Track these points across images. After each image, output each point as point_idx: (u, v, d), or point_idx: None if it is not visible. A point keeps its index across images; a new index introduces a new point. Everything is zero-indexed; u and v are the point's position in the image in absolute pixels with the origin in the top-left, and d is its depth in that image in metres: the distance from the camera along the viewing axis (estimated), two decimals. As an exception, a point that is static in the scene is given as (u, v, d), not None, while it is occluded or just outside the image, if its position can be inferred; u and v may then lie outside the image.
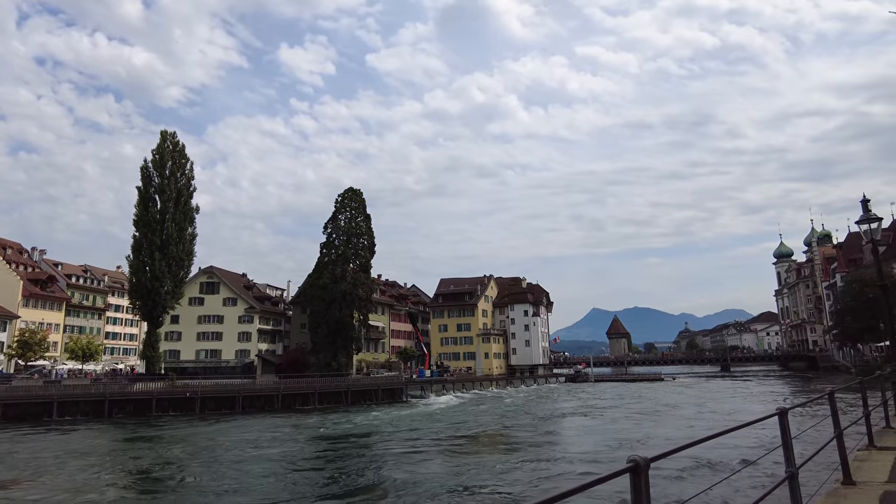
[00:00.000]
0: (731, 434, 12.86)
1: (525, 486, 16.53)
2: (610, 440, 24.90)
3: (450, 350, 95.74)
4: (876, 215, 10.37)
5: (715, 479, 14.57)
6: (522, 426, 32.74)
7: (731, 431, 3.46)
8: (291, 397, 50.72)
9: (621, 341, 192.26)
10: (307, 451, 26.30)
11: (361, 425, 36.16)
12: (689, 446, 2.62)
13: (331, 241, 66.41)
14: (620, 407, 42.78)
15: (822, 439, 17.51)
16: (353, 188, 69.05)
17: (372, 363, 76.98)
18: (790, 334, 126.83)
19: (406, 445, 26.65)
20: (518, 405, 49.07)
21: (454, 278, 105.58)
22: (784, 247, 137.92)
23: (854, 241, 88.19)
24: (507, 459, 21.38)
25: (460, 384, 71.00)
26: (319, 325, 63.12)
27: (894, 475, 6.46)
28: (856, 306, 59.98)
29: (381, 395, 55.46)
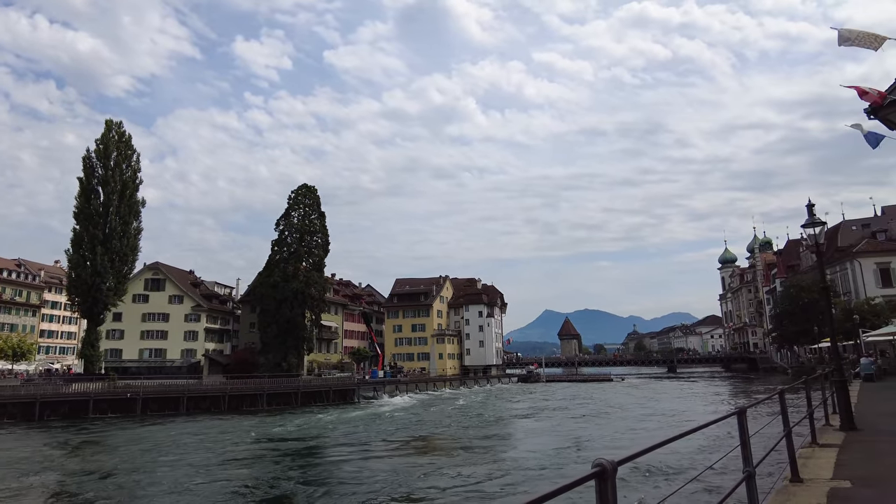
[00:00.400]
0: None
1: (478, 491, 16.21)
2: (562, 441, 24.82)
3: (404, 351, 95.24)
4: (820, 219, 10.68)
5: (670, 481, 14.54)
6: (474, 427, 32.46)
7: (694, 431, 3.32)
8: (239, 398, 49.29)
9: (572, 342, 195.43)
10: (245, 453, 25.23)
11: (308, 427, 35.26)
12: (655, 448, 2.45)
13: (283, 239, 64.94)
14: (570, 408, 42.88)
15: (767, 437, 18.00)
16: (308, 185, 67.78)
17: (324, 364, 75.72)
18: (733, 337, 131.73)
19: (351, 448, 25.95)
20: (471, 406, 48.98)
21: (410, 278, 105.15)
22: (728, 253, 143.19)
23: (792, 248, 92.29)
24: (457, 462, 20.87)
25: (414, 385, 70.60)
26: (269, 324, 61.63)
27: (838, 472, 6.57)
28: (793, 310, 62.55)
29: (332, 396, 54.51)
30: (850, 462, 7.10)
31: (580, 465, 17.47)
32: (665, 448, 11.52)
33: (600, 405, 44.23)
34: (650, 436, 24.79)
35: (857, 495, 5.54)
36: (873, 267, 60.52)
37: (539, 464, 19.15)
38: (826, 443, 8.52)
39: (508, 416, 39.14)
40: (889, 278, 59.81)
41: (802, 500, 5.41)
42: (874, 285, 59.45)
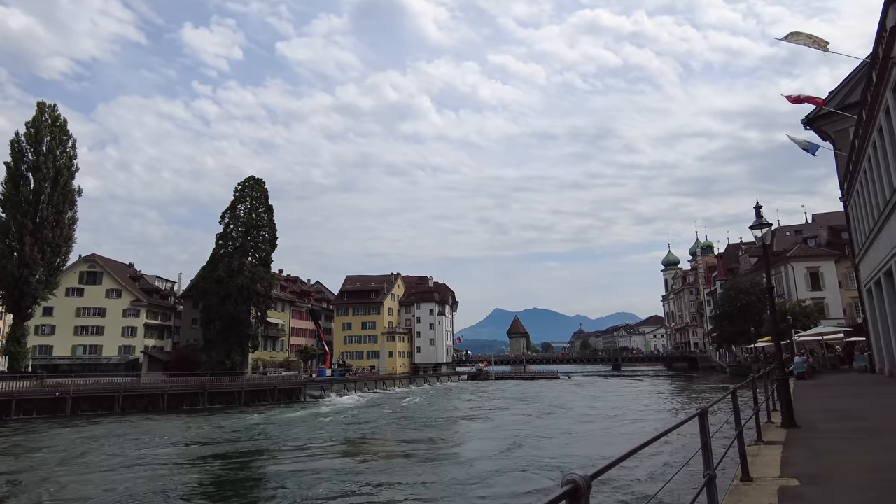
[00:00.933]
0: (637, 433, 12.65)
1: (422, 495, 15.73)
2: (510, 443, 24.34)
3: (353, 349, 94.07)
4: (767, 221, 10.91)
5: (629, 489, 14.26)
6: (420, 427, 32.02)
7: (661, 437, 3.12)
8: (179, 397, 47.42)
9: (521, 341, 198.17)
10: (176, 454, 24.06)
11: (242, 427, 33.96)
12: (626, 457, 2.21)
13: (228, 233, 62.83)
14: (518, 407, 42.81)
15: (714, 437, 18.11)
16: (255, 177, 65.77)
17: (269, 362, 73.85)
18: (675, 337, 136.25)
19: (284, 450, 25.05)
20: (419, 405, 48.58)
21: (360, 276, 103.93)
22: (671, 256, 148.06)
23: (732, 252, 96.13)
24: (398, 467, 20.01)
25: (363, 383, 69.77)
26: (213, 320, 59.53)
27: (785, 470, 6.60)
28: (732, 312, 65.08)
29: (277, 395, 53.20)
30: (794, 460, 7.16)
31: (535, 473, 17.03)
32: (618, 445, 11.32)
33: (547, 404, 44.14)
34: (604, 439, 24.96)
35: (805, 493, 5.53)
36: (804, 271, 63.56)
37: (486, 470, 18.30)
38: (770, 440, 8.64)
39: (456, 415, 38.69)
40: (818, 282, 62.96)
41: (754, 499, 5.36)
42: (805, 288, 62.44)
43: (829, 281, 62.40)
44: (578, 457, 19.60)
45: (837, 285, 61.92)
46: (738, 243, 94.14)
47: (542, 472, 17.25)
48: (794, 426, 9.85)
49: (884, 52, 15.47)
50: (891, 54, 14.94)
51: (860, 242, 26.03)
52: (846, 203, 28.38)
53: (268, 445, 26.63)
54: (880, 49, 15.87)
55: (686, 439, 23.82)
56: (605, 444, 22.50)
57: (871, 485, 5.82)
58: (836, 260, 62.30)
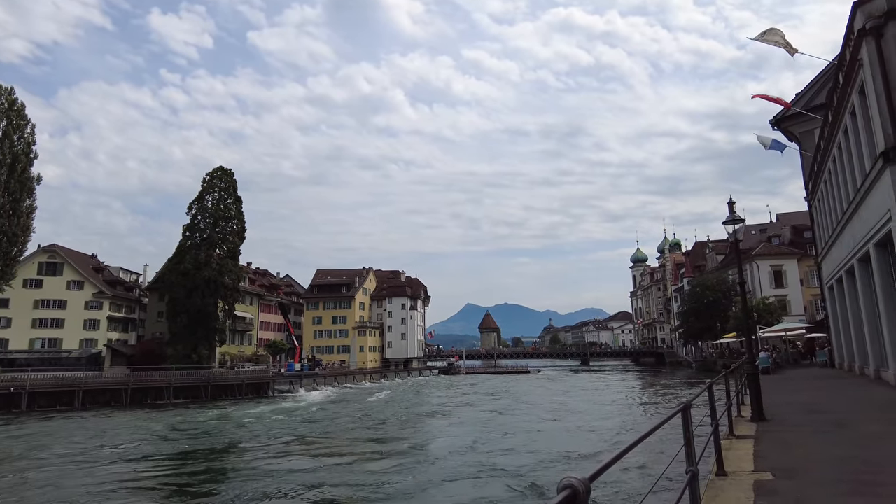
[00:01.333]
0: (600, 433, 12.57)
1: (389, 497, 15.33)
2: (472, 441, 23.62)
3: (323, 343, 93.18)
4: (740, 217, 11.00)
5: (612, 487, 14.06)
6: (387, 423, 31.60)
7: (651, 434, 3.00)
8: (143, 391, 46.30)
9: (492, 335, 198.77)
10: (134, 450, 23.40)
11: (209, 422, 33.45)
12: (620, 457, 2.09)
13: (195, 224, 61.45)
14: (483, 404, 42.05)
15: (676, 430, 18.04)
16: (224, 167, 64.41)
17: (237, 356, 72.66)
18: (642, 332, 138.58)
19: (252, 446, 24.56)
20: (388, 400, 48.09)
21: (331, 269, 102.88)
22: (640, 253, 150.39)
23: (699, 249, 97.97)
24: (362, 465, 19.44)
25: (333, 378, 69.17)
26: (179, 313, 58.22)
27: (758, 464, 6.62)
28: (698, 308, 66.35)
29: (245, 389, 52.37)
30: (766, 453, 7.19)
31: (493, 478, 16.54)
32: (593, 448, 11.18)
33: (515, 400, 43.65)
34: (568, 438, 24.97)
35: (780, 487, 5.52)
36: (768, 269, 65.14)
37: (441, 473, 17.75)
38: (742, 434, 8.70)
39: (422, 412, 37.38)
40: (781, 280, 64.63)
41: (731, 494, 5.32)
42: (769, 286, 64.00)
43: (792, 279, 64.10)
44: (540, 458, 18.86)
45: (799, 283, 63.66)
46: (706, 241, 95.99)
47: (498, 477, 16.59)
48: (763, 420, 9.96)
49: (851, 54, 15.75)
50: (857, 57, 15.21)
51: (823, 241, 26.69)
52: (810, 202, 29.06)
53: (228, 442, 25.96)
54: (847, 52, 16.16)
55: (656, 433, 24.21)
56: (569, 445, 21.59)
57: (841, 478, 5.86)
58: (799, 258, 64.01)
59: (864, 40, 14.38)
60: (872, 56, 14.04)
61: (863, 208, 17.10)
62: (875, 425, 9.37)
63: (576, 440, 22.75)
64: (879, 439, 8.12)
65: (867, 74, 14.51)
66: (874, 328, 18.77)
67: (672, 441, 22.22)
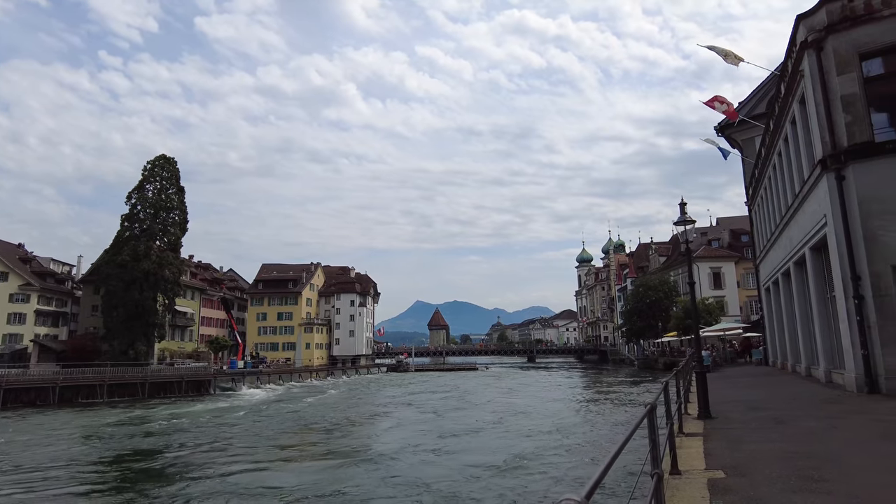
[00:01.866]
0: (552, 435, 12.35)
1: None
2: (417, 442, 23.38)
3: (268, 340, 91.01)
4: (691, 218, 11.22)
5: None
6: (321, 426, 30.86)
7: (629, 439, 2.87)
8: (73, 389, 43.96)
9: (441, 333, 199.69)
10: (48, 454, 22.17)
11: (139, 421, 32.28)
12: (607, 469, 1.95)
13: (134, 214, 58.80)
14: (425, 403, 40.86)
15: (626, 427, 18.38)
16: (166, 156, 61.91)
17: (177, 353, 70.05)
18: (586, 330, 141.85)
19: (180, 446, 23.68)
20: (329, 400, 46.25)
21: (277, 264, 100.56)
22: (585, 253, 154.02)
23: (643, 251, 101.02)
24: (293, 469, 19.12)
25: (277, 376, 67.62)
26: (115, 307, 55.59)
27: (710, 462, 6.70)
28: (641, 308, 68.40)
29: (185, 387, 50.54)
30: (716, 451, 7.31)
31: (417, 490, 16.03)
32: (547, 451, 11.04)
33: (460, 400, 42.30)
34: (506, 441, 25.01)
35: (733, 485, 5.58)
36: (708, 271, 67.73)
37: (381, 477, 17.43)
38: (690, 432, 8.84)
39: (366, 412, 36.54)
40: (720, 281, 67.35)
41: (687, 493, 5.33)
42: (708, 287, 66.54)
43: (729, 280, 66.89)
44: (470, 467, 17.95)
45: (736, 285, 66.49)
46: (649, 243, 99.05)
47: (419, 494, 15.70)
48: (709, 417, 10.19)
49: (793, 65, 16.39)
50: (799, 68, 15.84)
51: (762, 244, 27.84)
52: (750, 207, 30.27)
53: (154, 444, 24.78)
54: (790, 63, 16.82)
55: (605, 430, 24.58)
56: (503, 452, 20.28)
57: (790, 473, 5.98)
58: (736, 261, 66.85)
59: (806, 52, 14.96)
60: (813, 68, 14.63)
61: (800, 214, 17.86)
62: (811, 421, 9.72)
63: (512, 445, 21.87)
64: (816, 435, 8.41)
65: (808, 85, 15.12)
66: (807, 328, 19.68)
67: (620, 438, 22.96)
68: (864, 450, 7.16)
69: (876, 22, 13.97)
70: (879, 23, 13.93)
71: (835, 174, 13.84)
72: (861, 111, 13.84)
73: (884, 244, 13.02)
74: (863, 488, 5.40)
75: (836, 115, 14.10)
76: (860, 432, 8.40)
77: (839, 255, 13.71)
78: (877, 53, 14.23)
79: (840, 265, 13.70)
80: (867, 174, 13.41)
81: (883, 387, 12.57)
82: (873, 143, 13.62)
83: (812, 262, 17.55)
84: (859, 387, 13.06)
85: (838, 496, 5.15)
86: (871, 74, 14.34)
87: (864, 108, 13.84)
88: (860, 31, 14.14)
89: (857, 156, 13.55)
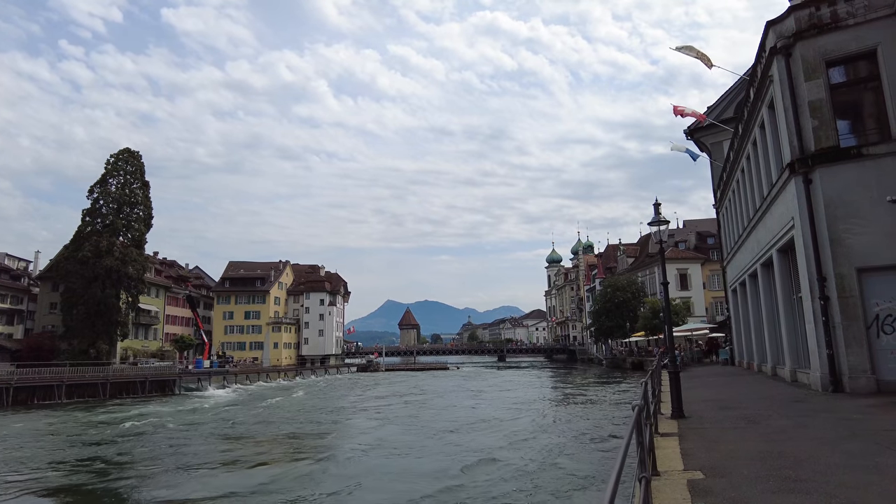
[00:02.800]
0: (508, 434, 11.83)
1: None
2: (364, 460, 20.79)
3: (235, 339, 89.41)
4: (665, 219, 11.30)
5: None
6: (299, 423, 30.31)
7: (628, 448, 2.76)
8: (28, 390, 42.35)
9: (412, 332, 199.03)
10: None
11: (95, 423, 31.18)
12: (619, 478, 1.82)
13: (97, 209, 56.97)
14: (389, 407, 38.02)
15: (598, 427, 18.57)
16: (130, 149, 60.14)
17: (141, 352, 68.22)
18: (555, 330, 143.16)
19: (154, 450, 22.87)
20: (293, 402, 43.64)
21: (245, 262, 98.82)
22: (555, 254, 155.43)
23: (611, 252, 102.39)
24: (277, 472, 18.53)
25: (244, 375, 66.42)
26: (75, 305, 53.76)
27: (688, 462, 6.69)
28: (609, 308, 69.27)
29: (149, 387, 49.22)
30: (693, 451, 7.32)
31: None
32: (524, 449, 10.72)
33: (425, 406, 38.37)
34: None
35: (714, 487, 5.56)
36: (675, 272, 68.86)
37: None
38: (665, 432, 8.86)
39: (322, 418, 33.70)
40: (686, 282, 68.63)
41: (668, 495, 5.28)
42: (675, 288, 67.64)
43: (696, 282, 68.22)
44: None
45: (702, 286, 67.86)
46: (617, 244, 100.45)
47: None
48: (682, 417, 10.25)
49: (762, 70, 16.70)
50: (769, 73, 16.14)
51: (729, 246, 28.39)
52: (718, 209, 30.86)
53: (108, 449, 23.73)
54: (759, 68, 17.13)
55: (581, 423, 24.59)
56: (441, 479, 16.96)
57: (768, 474, 6.00)
58: (702, 263, 68.21)
59: (776, 58, 15.25)
60: (782, 73, 14.91)
61: (768, 216, 18.22)
62: (782, 420, 9.86)
63: (452, 470, 18.10)
64: (788, 433, 8.51)
65: (777, 90, 15.41)
66: (773, 328, 20.10)
67: (594, 437, 22.45)
68: (836, 449, 7.26)
69: (842, 30, 14.30)
70: (845, 31, 14.27)
71: (802, 178, 14.13)
72: (827, 116, 14.17)
73: (848, 246, 13.35)
74: (839, 487, 5.44)
75: (803, 120, 14.40)
76: (829, 431, 8.54)
77: (806, 256, 14.00)
78: (842, 61, 14.60)
79: (807, 267, 14.00)
80: (833, 178, 13.73)
81: (847, 386, 12.88)
82: (839, 148, 13.96)
83: (779, 263, 17.91)
84: (824, 386, 13.36)
85: (818, 496, 5.17)
86: (836, 81, 14.72)
87: (830, 114, 14.17)
88: (827, 38, 14.47)
89: (824, 160, 13.86)
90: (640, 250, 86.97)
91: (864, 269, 13.16)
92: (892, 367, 12.74)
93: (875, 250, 13.04)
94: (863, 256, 13.15)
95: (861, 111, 15.36)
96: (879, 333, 12.94)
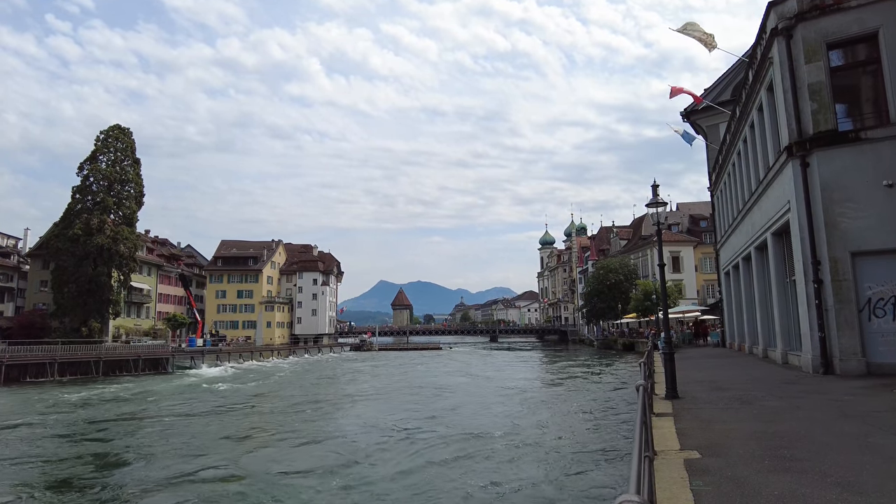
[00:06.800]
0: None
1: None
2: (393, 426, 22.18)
3: (228, 318, 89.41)
4: (663, 200, 11.28)
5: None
6: (292, 402, 30.24)
7: (642, 434, 2.74)
8: (20, 368, 42.28)
9: (404, 312, 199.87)
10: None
11: (83, 400, 31.15)
12: (641, 463, 1.79)
13: (87, 186, 56.35)
14: (369, 399, 33.57)
15: (596, 408, 18.71)
16: (120, 126, 59.31)
17: (133, 330, 68.14)
18: (547, 311, 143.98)
19: (145, 428, 22.83)
20: (294, 376, 45.08)
21: (237, 241, 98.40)
22: (548, 236, 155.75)
23: (604, 234, 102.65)
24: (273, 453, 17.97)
25: (237, 354, 66.54)
26: (67, 283, 53.44)
27: (683, 442, 6.75)
28: (601, 289, 69.68)
29: (141, 365, 49.22)
30: (688, 431, 7.39)
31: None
32: (519, 434, 10.78)
33: (409, 390, 35.87)
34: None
35: (710, 466, 5.61)
36: (667, 255, 69.17)
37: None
38: (660, 412, 8.94)
39: (305, 400, 31.97)
40: (678, 265, 69.04)
41: (666, 475, 5.33)
42: (667, 270, 67.27)
43: (688, 264, 68.65)
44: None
45: (694, 269, 68.31)
46: (610, 227, 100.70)
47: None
48: (676, 398, 10.34)
49: (762, 52, 16.57)
50: (769, 55, 16.02)
51: (723, 229, 28.48)
52: (713, 192, 30.88)
53: (152, 413, 23.99)
54: (759, 49, 17.00)
55: (560, 406, 24.80)
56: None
57: (763, 453, 6.06)
58: (695, 246, 68.55)
59: (776, 39, 15.11)
60: (783, 55, 14.79)
61: (764, 199, 18.24)
62: (774, 401, 9.97)
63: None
64: (781, 414, 8.60)
65: (777, 72, 15.30)
66: (765, 311, 20.27)
67: (584, 420, 22.61)
68: (828, 429, 7.35)
69: (843, 12, 14.17)
70: (846, 13, 14.14)
71: (800, 161, 14.11)
72: (826, 100, 14.10)
73: (843, 230, 13.39)
74: (833, 466, 5.50)
75: (802, 103, 14.33)
76: (821, 412, 8.64)
77: (801, 240, 14.05)
78: (843, 44, 14.49)
79: (802, 250, 14.06)
80: (830, 162, 13.72)
81: (838, 368, 13.03)
82: (837, 132, 13.92)
83: (773, 246, 17.98)
84: (815, 368, 13.51)
85: (813, 475, 5.23)
86: (836, 64, 14.64)
87: (830, 97, 14.10)
88: (828, 20, 14.34)
89: (822, 143, 13.83)
90: (633, 233, 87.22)
91: (858, 253, 13.22)
92: (882, 349, 12.89)
93: (870, 234, 13.10)
94: (857, 240, 13.21)
95: (859, 95, 15.31)
96: (871, 317, 13.05)
